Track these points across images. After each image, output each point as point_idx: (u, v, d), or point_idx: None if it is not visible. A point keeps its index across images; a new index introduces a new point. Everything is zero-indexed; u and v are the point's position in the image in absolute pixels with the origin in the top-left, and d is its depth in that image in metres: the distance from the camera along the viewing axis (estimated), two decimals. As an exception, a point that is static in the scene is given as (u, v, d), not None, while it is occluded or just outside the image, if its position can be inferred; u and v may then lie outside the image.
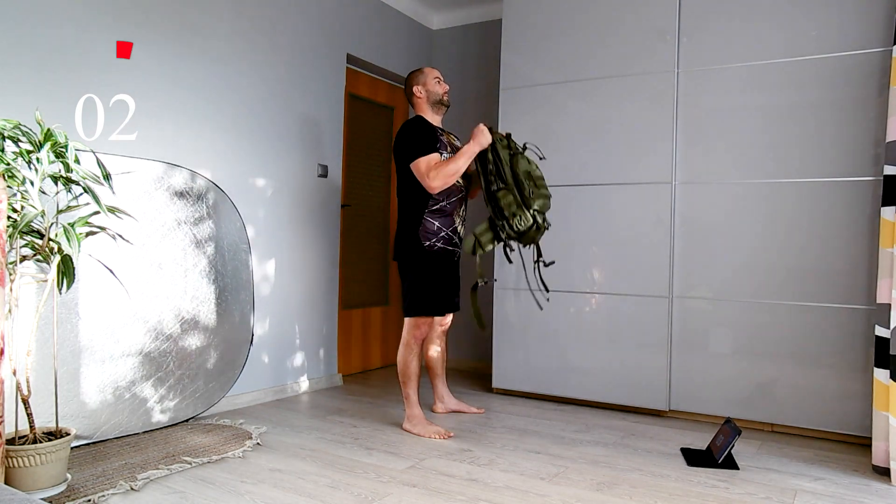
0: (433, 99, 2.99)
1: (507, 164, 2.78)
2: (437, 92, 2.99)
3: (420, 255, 2.87)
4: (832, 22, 2.87)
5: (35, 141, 2.03)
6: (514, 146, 2.87)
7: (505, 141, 2.86)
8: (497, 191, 2.74)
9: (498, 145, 2.81)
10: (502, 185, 2.74)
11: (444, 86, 3.02)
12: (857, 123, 2.81)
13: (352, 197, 4.16)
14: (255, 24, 3.32)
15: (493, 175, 2.78)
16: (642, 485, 2.27)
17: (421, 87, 2.99)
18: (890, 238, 2.40)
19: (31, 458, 1.96)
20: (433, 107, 3.00)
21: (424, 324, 2.91)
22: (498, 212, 2.74)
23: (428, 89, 2.98)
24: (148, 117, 2.83)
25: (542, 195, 2.77)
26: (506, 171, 2.76)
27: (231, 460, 2.45)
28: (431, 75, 3.01)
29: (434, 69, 3.05)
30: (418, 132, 2.86)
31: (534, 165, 2.84)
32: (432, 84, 2.99)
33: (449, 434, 2.80)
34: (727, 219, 3.08)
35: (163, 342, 2.75)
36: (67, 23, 2.55)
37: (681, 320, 3.18)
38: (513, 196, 2.72)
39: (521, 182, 2.74)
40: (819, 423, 2.87)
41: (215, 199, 3.00)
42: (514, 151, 2.83)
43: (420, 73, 3.02)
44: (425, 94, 2.98)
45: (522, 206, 2.71)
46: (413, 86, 3.01)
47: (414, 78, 3.02)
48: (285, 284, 3.52)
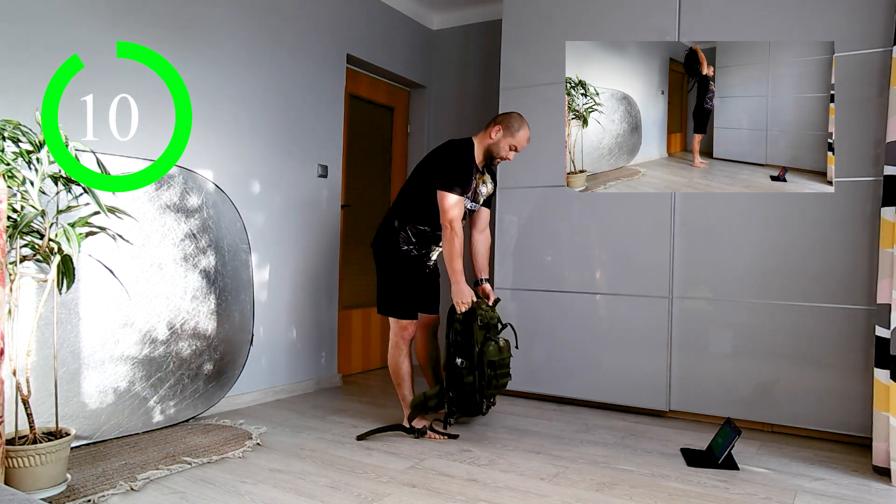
0: (492, 151, 2.85)
1: (479, 344, 2.77)
2: (500, 153, 2.84)
3: (398, 256, 2.88)
4: (832, 22, 2.87)
5: (35, 141, 2.03)
6: (494, 322, 2.83)
7: (489, 312, 2.83)
8: (461, 366, 2.76)
9: (475, 324, 2.76)
10: (465, 362, 2.76)
11: (510, 156, 2.86)
12: (857, 123, 2.81)
13: (352, 197, 4.16)
14: (256, 25, 3.32)
15: (459, 344, 2.78)
16: (642, 485, 2.27)
17: (501, 134, 2.81)
18: (890, 238, 2.40)
19: (31, 459, 1.96)
20: (485, 153, 2.87)
21: (410, 324, 2.91)
22: (455, 383, 2.79)
23: (500, 143, 2.82)
24: (148, 117, 2.83)
25: (500, 385, 2.84)
26: (474, 353, 2.76)
27: (231, 460, 2.44)
28: (516, 140, 2.81)
29: (526, 139, 2.85)
30: (463, 166, 2.77)
31: (505, 353, 2.84)
32: (506, 145, 2.82)
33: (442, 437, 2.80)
34: (727, 219, 3.08)
35: (163, 343, 2.75)
36: (67, 23, 2.55)
37: (681, 320, 3.18)
38: (474, 381, 2.77)
39: (484, 371, 2.76)
40: (819, 424, 2.87)
41: (215, 200, 3.00)
42: (490, 336, 2.79)
43: (513, 127, 2.81)
44: (494, 140, 2.82)
45: (478, 393, 2.78)
46: (497, 124, 2.83)
47: (506, 122, 2.82)
48: (285, 284, 3.52)
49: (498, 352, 2.79)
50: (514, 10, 3.67)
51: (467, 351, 2.77)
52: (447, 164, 2.79)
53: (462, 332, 2.78)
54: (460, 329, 2.79)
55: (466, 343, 2.77)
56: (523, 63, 3.62)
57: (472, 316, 2.78)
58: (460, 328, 2.79)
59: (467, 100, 4.51)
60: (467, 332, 2.77)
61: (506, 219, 3.65)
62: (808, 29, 2.92)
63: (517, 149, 2.85)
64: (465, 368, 2.76)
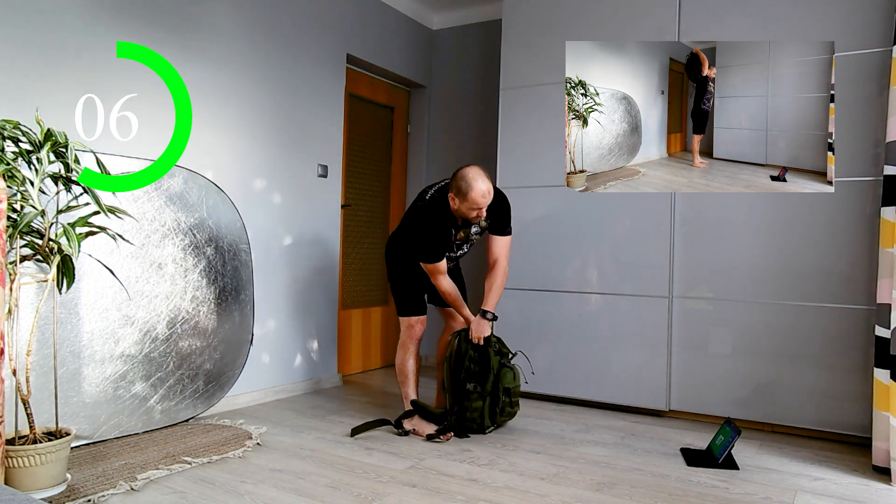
0: (460, 215, 2.74)
1: (495, 371, 2.81)
2: (468, 216, 2.70)
3: (406, 255, 2.92)
4: (832, 22, 2.87)
5: (35, 141, 2.03)
6: (505, 351, 2.89)
7: (497, 346, 2.88)
8: (471, 391, 2.78)
9: (490, 349, 2.81)
10: (479, 388, 2.79)
11: (481, 214, 2.69)
12: (857, 123, 2.81)
13: (352, 197, 4.16)
14: (256, 25, 3.32)
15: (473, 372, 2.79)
16: (642, 485, 2.27)
17: (457, 203, 2.68)
18: (890, 238, 2.40)
19: (31, 458, 1.96)
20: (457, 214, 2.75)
21: (418, 323, 2.94)
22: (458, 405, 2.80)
23: (461, 209, 2.68)
24: (148, 117, 2.83)
25: (511, 414, 2.90)
26: (489, 378, 2.80)
27: (231, 460, 2.44)
28: (471, 203, 2.63)
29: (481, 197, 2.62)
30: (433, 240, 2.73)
31: (518, 381, 2.88)
32: (466, 210, 2.67)
33: (449, 434, 2.80)
34: (727, 219, 3.08)
35: (163, 342, 2.75)
36: (68, 23, 2.55)
37: (681, 320, 3.18)
38: (485, 406, 2.80)
39: (498, 397, 2.81)
40: (819, 423, 2.87)
41: (215, 200, 3.00)
42: (504, 363, 2.85)
43: (463, 191, 2.63)
44: (456, 208, 2.70)
45: (487, 419, 2.82)
46: (451, 191, 2.69)
47: (456, 188, 2.65)
48: (285, 284, 3.52)
49: (513, 378, 2.86)
50: (514, 10, 3.67)
51: (482, 377, 2.80)
52: (418, 240, 2.79)
53: (478, 359, 2.82)
54: (475, 356, 2.82)
55: (483, 369, 2.81)
56: (523, 63, 3.62)
57: (487, 342, 2.83)
58: (475, 355, 2.82)
59: (467, 100, 4.51)
60: (484, 359, 2.82)
61: (506, 219, 3.65)
62: (808, 29, 2.92)
63: (479, 209, 2.65)
64: (477, 393, 2.80)
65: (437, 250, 2.76)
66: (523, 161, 3.56)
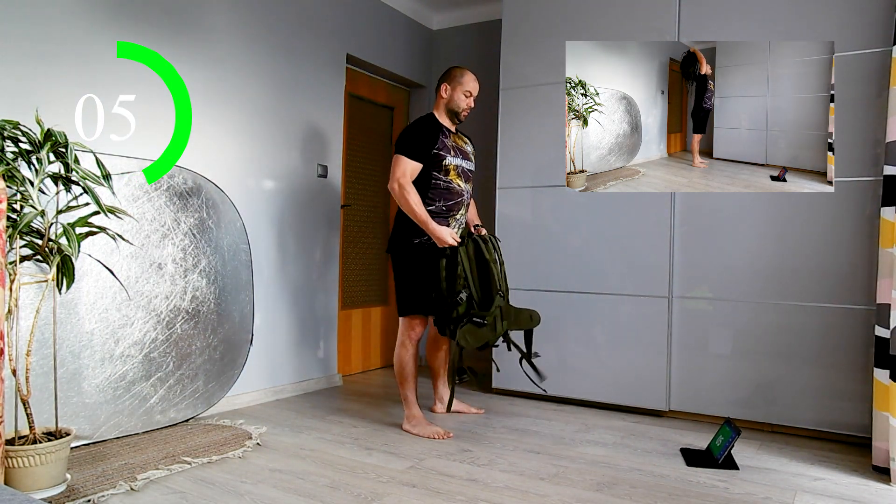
0: (451, 108, 2.93)
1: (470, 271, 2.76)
2: (459, 105, 2.92)
3: (410, 250, 2.87)
4: (832, 22, 2.87)
5: (35, 141, 2.03)
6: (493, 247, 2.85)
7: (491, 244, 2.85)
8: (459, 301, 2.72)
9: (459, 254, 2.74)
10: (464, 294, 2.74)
11: (469, 102, 2.93)
12: (856, 123, 2.81)
13: (352, 197, 4.16)
14: (256, 25, 3.32)
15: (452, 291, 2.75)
16: (642, 485, 2.27)
17: (449, 88, 2.92)
18: (890, 238, 2.40)
19: (30, 459, 1.96)
20: (448, 113, 2.96)
21: (419, 324, 2.92)
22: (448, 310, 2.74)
23: (453, 96, 2.92)
24: (148, 117, 2.82)
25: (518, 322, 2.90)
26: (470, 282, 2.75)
27: (231, 460, 2.44)
28: (465, 86, 2.91)
29: (473, 81, 2.94)
30: (419, 131, 2.85)
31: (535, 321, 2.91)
32: (459, 94, 2.91)
33: (448, 434, 2.80)
34: (727, 219, 3.08)
35: (163, 342, 2.75)
36: (68, 23, 2.55)
37: (681, 320, 3.18)
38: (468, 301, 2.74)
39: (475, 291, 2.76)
40: (819, 423, 2.87)
41: (215, 200, 3.00)
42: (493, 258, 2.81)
43: (456, 76, 2.93)
44: (447, 98, 2.93)
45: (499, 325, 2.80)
46: (442, 83, 2.94)
47: (449, 76, 2.94)
48: (285, 284, 3.52)
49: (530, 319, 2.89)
50: (513, 10, 3.67)
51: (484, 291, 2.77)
52: (404, 133, 2.88)
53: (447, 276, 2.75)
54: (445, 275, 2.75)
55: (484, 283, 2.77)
56: (523, 63, 3.62)
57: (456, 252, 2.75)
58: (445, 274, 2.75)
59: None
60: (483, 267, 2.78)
61: (505, 219, 3.65)
62: (808, 29, 2.92)
63: (471, 94, 2.92)
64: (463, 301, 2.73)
65: (419, 143, 2.80)
66: (523, 161, 3.56)
